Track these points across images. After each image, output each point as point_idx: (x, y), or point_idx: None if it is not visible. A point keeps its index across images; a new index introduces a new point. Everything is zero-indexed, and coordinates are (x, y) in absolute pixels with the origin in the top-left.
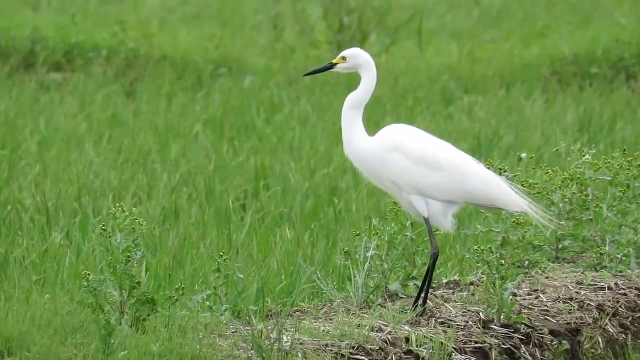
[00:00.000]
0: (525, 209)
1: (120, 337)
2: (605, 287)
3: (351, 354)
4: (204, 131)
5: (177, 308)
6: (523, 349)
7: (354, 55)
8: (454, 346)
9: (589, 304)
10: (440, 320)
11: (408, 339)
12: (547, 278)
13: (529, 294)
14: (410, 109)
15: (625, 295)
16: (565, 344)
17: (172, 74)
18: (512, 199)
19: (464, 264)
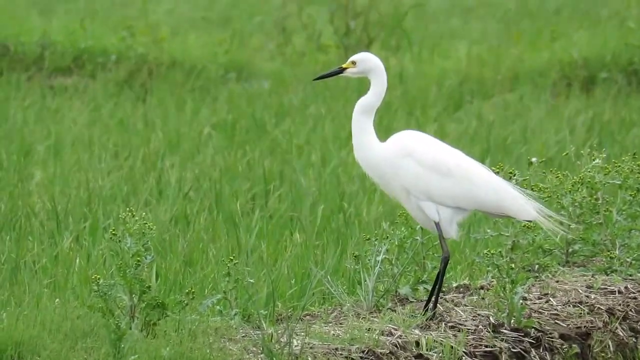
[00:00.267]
0: (535, 217)
1: (130, 342)
2: (615, 291)
3: (361, 358)
4: (213, 135)
5: (187, 312)
6: (533, 352)
7: (364, 60)
8: (464, 350)
9: (599, 308)
10: (450, 324)
11: (418, 343)
12: (558, 282)
13: (539, 298)
14: (419, 113)
15: (636, 299)
16: (576, 348)
17: (182, 79)
18: (523, 208)
19: (474, 268)
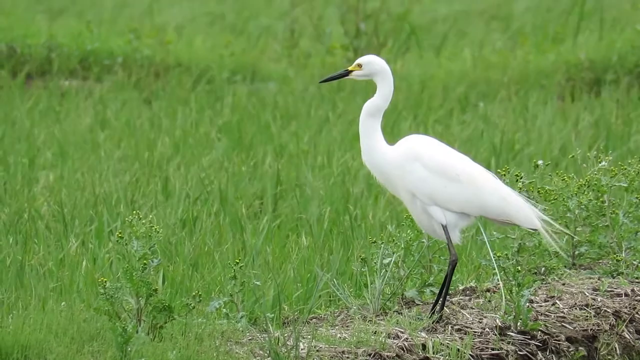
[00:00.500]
0: (538, 227)
1: (137, 345)
2: (622, 294)
3: None
4: (220, 138)
5: (194, 315)
6: (540, 355)
7: (370, 63)
8: (471, 353)
9: (605, 311)
10: (456, 327)
11: (425, 346)
12: (564, 285)
13: (546, 301)
14: (425, 115)
15: None
16: (582, 351)
17: (188, 81)
18: (527, 216)
19: (481, 271)
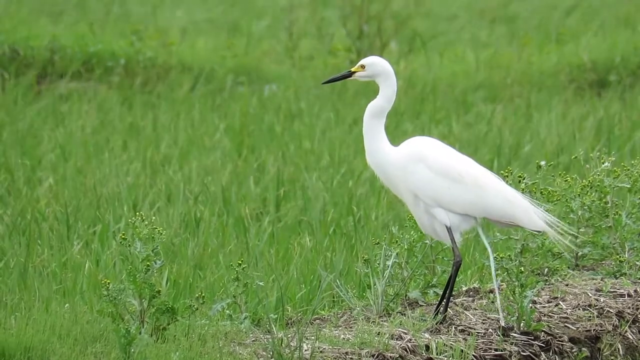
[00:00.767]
0: (543, 227)
1: (140, 346)
2: (624, 294)
3: None
4: (223, 139)
5: (197, 317)
6: (543, 356)
7: (373, 64)
8: (474, 354)
9: (608, 311)
10: (460, 328)
11: (428, 347)
12: (567, 285)
13: (549, 302)
14: (428, 116)
15: None
16: (585, 352)
17: (191, 83)
18: (531, 217)
19: (484, 272)
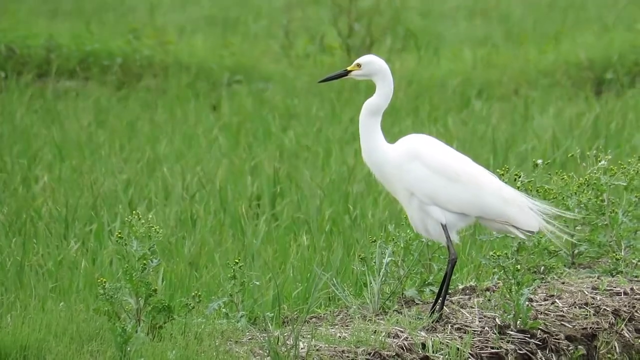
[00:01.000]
0: (539, 228)
1: (136, 345)
2: (621, 292)
3: None
4: (219, 138)
5: (194, 315)
6: (539, 354)
7: (369, 63)
8: (470, 352)
9: (605, 309)
10: (456, 326)
11: (424, 345)
12: (563, 283)
13: (545, 300)
14: (424, 115)
15: None
16: (582, 350)
17: (188, 81)
18: (527, 217)
19: (480, 270)
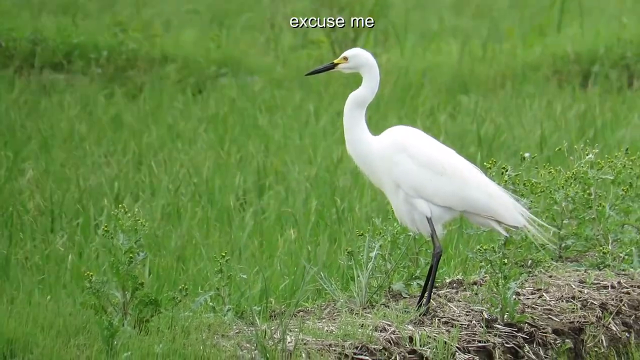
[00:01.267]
0: (523, 223)
1: (123, 339)
2: (608, 286)
3: (355, 353)
4: (206, 131)
5: (180, 309)
6: (527, 348)
7: (356, 56)
8: (458, 346)
9: (592, 303)
10: (443, 319)
11: (412, 339)
12: (551, 277)
13: (533, 293)
14: (411, 108)
15: (629, 293)
16: (569, 343)
17: (174, 75)
18: (512, 212)
19: (467, 264)
